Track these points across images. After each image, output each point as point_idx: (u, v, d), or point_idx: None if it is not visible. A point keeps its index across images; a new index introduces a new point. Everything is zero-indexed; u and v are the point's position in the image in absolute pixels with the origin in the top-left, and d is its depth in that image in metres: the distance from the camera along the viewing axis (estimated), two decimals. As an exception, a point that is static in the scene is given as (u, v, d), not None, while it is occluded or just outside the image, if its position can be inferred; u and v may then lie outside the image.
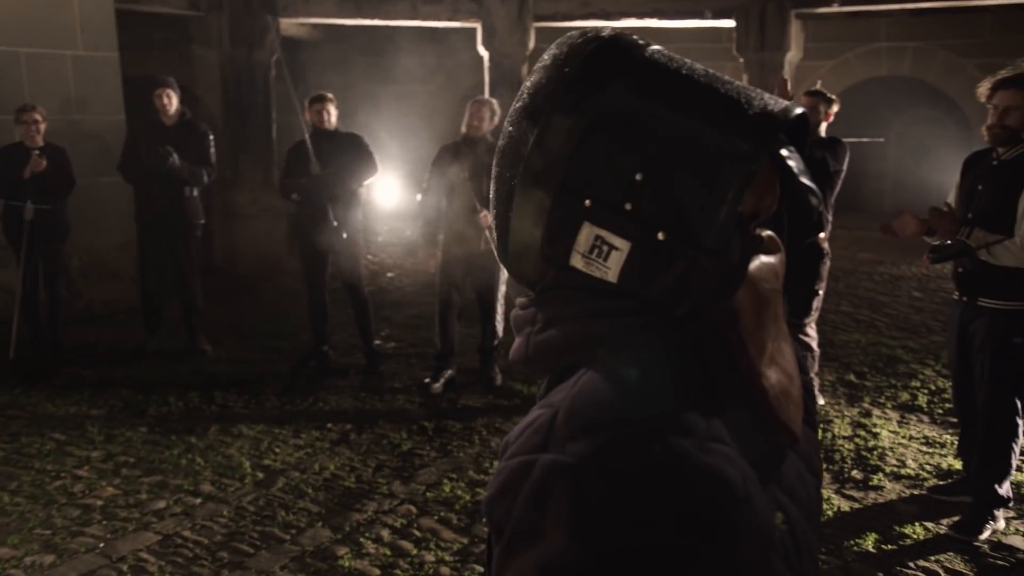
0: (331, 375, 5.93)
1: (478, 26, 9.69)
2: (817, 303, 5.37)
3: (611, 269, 0.81)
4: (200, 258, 6.71)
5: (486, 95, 9.34)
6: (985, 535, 3.73)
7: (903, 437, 5.00)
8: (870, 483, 4.33)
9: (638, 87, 0.81)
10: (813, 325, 5.45)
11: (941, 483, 4.31)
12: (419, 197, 5.90)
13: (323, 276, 6.04)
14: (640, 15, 9.47)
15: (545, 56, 0.88)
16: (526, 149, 0.84)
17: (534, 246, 0.85)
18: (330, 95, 5.94)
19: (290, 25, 10.30)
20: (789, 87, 5.35)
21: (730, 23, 9.44)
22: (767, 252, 0.85)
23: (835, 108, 5.28)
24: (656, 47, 0.85)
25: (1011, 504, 3.84)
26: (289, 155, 6.05)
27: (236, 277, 9.06)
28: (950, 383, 4.90)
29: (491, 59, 9.76)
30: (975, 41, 11.43)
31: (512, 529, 0.77)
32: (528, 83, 0.88)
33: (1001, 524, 3.79)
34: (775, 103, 0.81)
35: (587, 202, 0.81)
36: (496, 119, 5.73)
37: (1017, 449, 3.78)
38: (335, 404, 5.39)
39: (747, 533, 0.73)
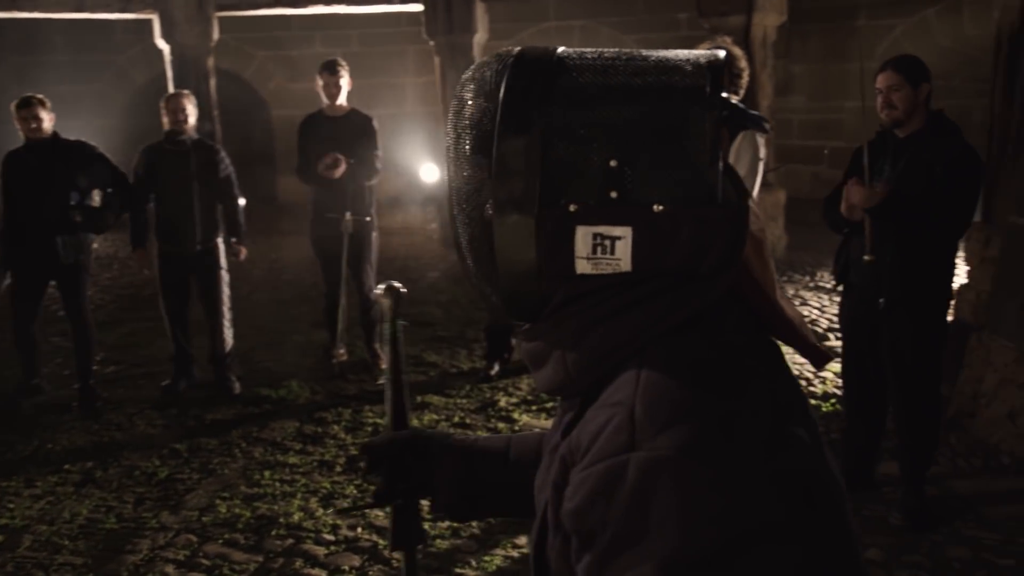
0: (50, 411, 5.31)
1: (155, 17, 9.02)
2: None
3: (621, 259, 0.81)
4: None
5: (170, 89, 8.76)
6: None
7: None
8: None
9: (574, 85, 0.82)
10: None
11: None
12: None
13: (36, 304, 5.35)
14: (328, 1, 9.35)
15: (463, 92, 0.88)
16: (487, 183, 0.84)
17: (530, 273, 0.84)
18: (39, 97, 5.19)
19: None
20: None
21: (418, 7, 9.60)
22: None
23: None
24: (561, 48, 0.87)
25: None
26: None
27: None
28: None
29: (172, 52, 9.15)
30: (632, 19, 12.55)
31: (612, 535, 0.73)
32: (457, 123, 0.87)
33: None
34: (700, 54, 0.84)
35: (571, 207, 0.80)
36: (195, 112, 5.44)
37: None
38: (67, 442, 4.84)
39: (834, 489, 0.76)
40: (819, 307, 7.20)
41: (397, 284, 1.35)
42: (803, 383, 5.43)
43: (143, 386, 5.74)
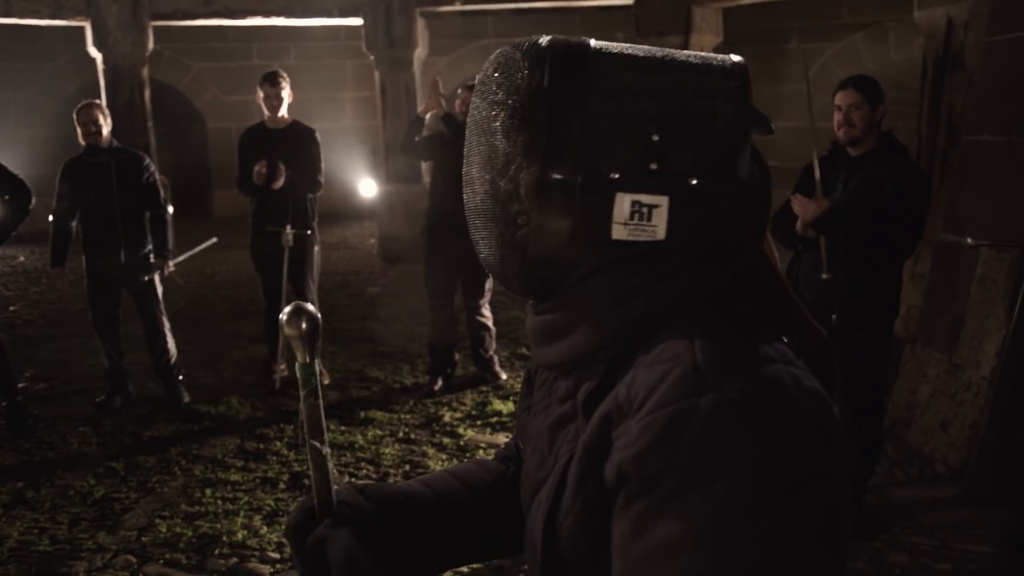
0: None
1: (87, 25, 8.81)
2: (489, 284, 5.70)
3: (658, 226, 0.85)
4: None
5: (103, 99, 8.57)
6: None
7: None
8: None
9: (617, 65, 0.87)
10: (487, 305, 5.78)
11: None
12: (51, 218, 5.32)
13: None
14: (266, 13, 9.25)
15: (505, 65, 0.91)
16: (529, 151, 0.87)
17: (562, 240, 0.87)
18: None
19: None
20: (440, 87, 5.59)
21: (358, 21, 9.57)
22: None
23: None
24: (595, 41, 0.91)
25: None
26: None
27: None
28: None
29: (105, 61, 8.94)
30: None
31: (678, 477, 0.75)
32: (495, 95, 0.90)
33: None
34: (728, 57, 0.91)
35: (615, 175, 0.85)
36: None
37: None
38: (-7, 462, 4.67)
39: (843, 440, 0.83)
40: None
41: (311, 307, 1.05)
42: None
43: (76, 403, 5.57)
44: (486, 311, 5.78)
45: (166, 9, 9.03)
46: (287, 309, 1.02)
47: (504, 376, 5.86)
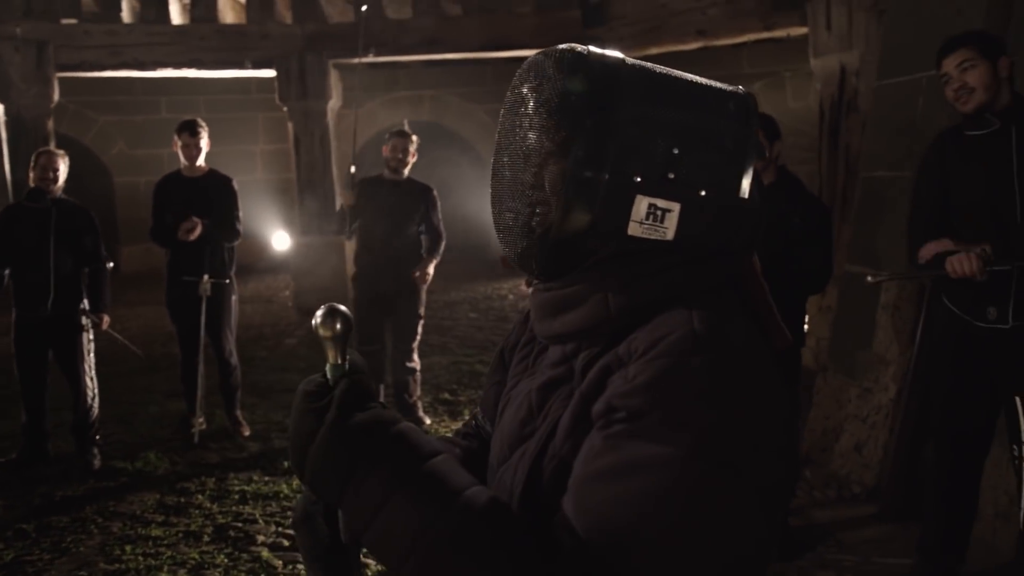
0: None
1: (-12, 77, 8.58)
2: (420, 328, 5.72)
3: (668, 229, 0.97)
4: None
5: (4, 152, 8.34)
6: None
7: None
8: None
9: (647, 81, 0.99)
10: (416, 350, 5.79)
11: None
12: None
13: None
14: (177, 65, 9.17)
15: (532, 75, 1.01)
16: (556, 151, 0.97)
17: (582, 232, 0.98)
18: None
19: None
20: (354, 180, 5.68)
21: (270, 73, 9.57)
22: None
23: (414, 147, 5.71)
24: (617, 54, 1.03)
25: None
26: None
27: None
28: None
29: (7, 113, 8.71)
30: (480, 89, 12.94)
31: (659, 415, 0.86)
32: (534, 96, 1.00)
33: None
34: (740, 90, 1.05)
35: (637, 179, 0.96)
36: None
37: None
38: None
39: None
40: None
41: (344, 308, 1.04)
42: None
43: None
44: (416, 356, 5.79)
45: (72, 60, 8.86)
46: (320, 311, 1.01)
47: (428, 421, 5.85)
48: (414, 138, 5.73)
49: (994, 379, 3.16)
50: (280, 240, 11.66)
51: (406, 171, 5.70)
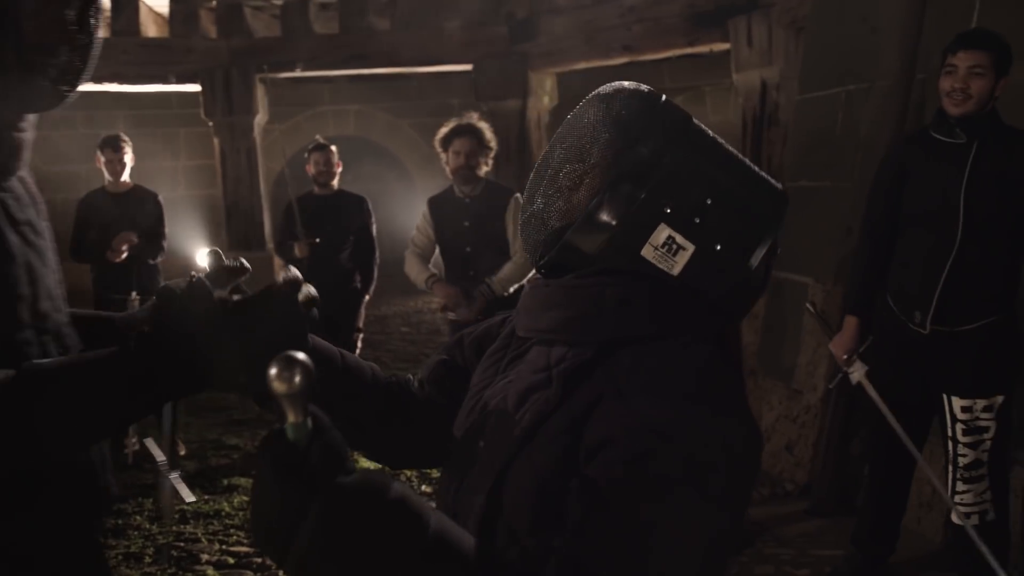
0: None
1: None
2: (360, 343, 5.74)
3: (677, 264, 1.04)
4: None
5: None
6: None
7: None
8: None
9: (707, 140, 1.09)
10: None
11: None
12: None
13: None
14: (98, 79, 8.95)
15: (615, 96, 1.09)
16: (607, 162, 1.04)
17: (604, 232, 1.04)
18: None
19: None
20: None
21: (194, 87, 9.43)
22: None
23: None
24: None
25: None
26: None
27: None
28: None
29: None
30: (405, 103, 12.96)
31: (680, 470, 0.93)
32: (605, 110, 1.07)
33: None
34: (775, 185, 1.13)
35: (667, 209, 1.03)
36: None
37: None
38: None
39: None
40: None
41: (302, 356, 0.83)
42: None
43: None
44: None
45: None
46: (274, 364, 0.81)
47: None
48: (333, 148, 5.76)
49: (926, 378, 3.31)
50: (202, 257, 11.47)
51: (335, 183, 5.73)
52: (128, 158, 5.50)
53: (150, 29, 10.05)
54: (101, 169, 5.51)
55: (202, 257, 1.24)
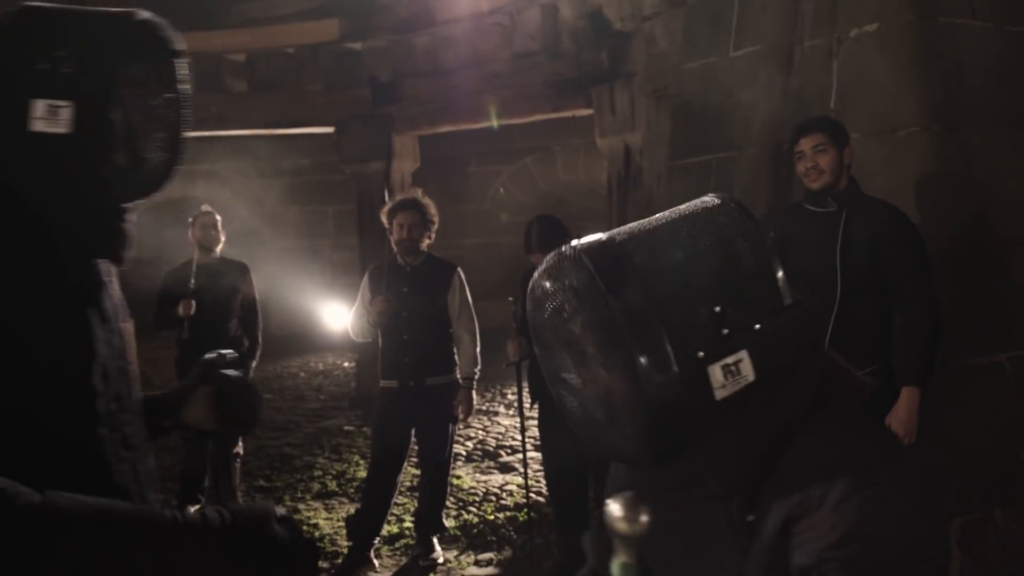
0: None
1: None
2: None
3: (748, 374, 1.01)
4: None
5: None
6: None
7: (337, 521, 5.44)
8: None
9: (653, 262, 1.04)
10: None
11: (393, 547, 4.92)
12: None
13: None
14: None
15: (559, 285, 1.04)
16: (618, 368, 1.01)
17: (676, 416, 1.01)
18: None
19: None
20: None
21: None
22: None
23: None
24: (613, 234, 1.09)
25: None
26: None
27: None
28: (354, 465, 6.33)
29: None
30: (255, 165, 12.69)
31: (885, 552, 0.98)
32: (577, 320, 1.03)
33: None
34: (710, 202, 1.14)
35: (700, 354, 0.99)
36: None
37: None
38: None
39: None
40: (513, 425, 7.23)
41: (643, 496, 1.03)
42: (495, 496, 5.81)
43: None
44: (241, 440, 5.58)
45: None
46: (620, 501, 0.99)
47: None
48: (217, 216, 5.64)
49: None
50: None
51: (218, 249, 5.61)
52: None
53: None
54: None
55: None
